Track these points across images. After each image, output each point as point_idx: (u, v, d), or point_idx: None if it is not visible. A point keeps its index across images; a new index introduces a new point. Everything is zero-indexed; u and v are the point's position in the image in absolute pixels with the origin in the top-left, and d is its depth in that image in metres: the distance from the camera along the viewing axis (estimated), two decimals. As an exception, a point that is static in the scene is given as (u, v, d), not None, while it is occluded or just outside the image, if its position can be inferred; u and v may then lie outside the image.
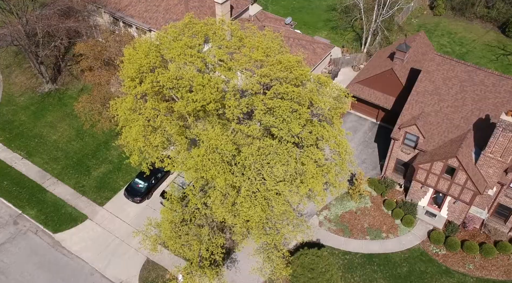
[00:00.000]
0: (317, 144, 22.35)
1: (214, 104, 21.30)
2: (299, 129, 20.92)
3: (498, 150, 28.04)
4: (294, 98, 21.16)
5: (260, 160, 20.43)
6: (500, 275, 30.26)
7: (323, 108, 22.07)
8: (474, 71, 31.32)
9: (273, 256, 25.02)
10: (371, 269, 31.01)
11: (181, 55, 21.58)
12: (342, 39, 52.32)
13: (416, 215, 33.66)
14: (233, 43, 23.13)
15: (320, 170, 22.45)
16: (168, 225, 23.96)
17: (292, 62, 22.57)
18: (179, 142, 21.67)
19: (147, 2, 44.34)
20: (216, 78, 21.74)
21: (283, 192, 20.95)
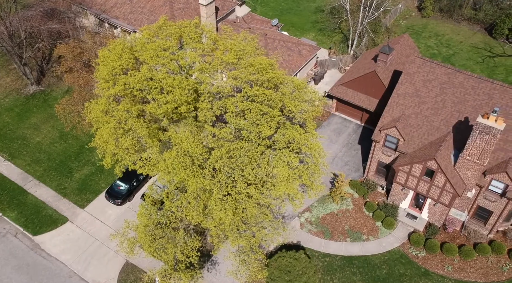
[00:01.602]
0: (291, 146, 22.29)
1: (186, 107, 21.24)
2: (270, 132, 20.88)
3: (476, 152, 28.07)
4: (265, 101, 21.13)
5: (230, 163, 20.39)
6: (478, 277, 30.27)
7: (294, 112, 22.03)
8: (454, 74, 31.37)
9: (248, 259, 24.96)
10: (351, 272, 30.99)
11: (154, 57, 21.54)
12: (330, 41, 52.35)
13: (397, 217, 33.67)
14: (206, 45, 23.09)
15: (293, 173, 22.40)
16: (143, 228, 23.89)
17: (264, 65, 22.53)
18: (150, 144, 21.61)
19: (132, 3, 44.30)
20: (188, 80, 21.69)
21: (254, 195, 20.89)
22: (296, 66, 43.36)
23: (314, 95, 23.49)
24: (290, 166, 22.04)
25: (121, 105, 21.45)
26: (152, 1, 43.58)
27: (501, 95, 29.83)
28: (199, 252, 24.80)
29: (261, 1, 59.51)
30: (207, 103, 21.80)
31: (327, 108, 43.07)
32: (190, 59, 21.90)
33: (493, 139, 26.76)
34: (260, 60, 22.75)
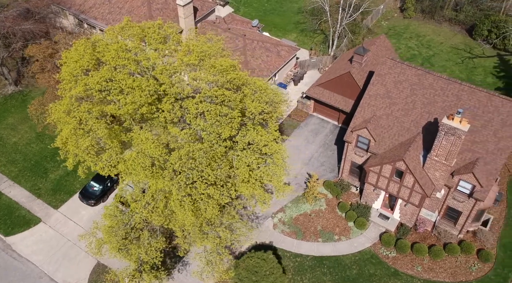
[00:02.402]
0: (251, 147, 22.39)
1: (147, 108, 21.29)
2: (232, 133, 20.96)
3: (443, 153, 28.28)
4: (225, 102, 21.22)
5: (189, 164, 20.47)
6: (447, 277, 30.50)
7: (254, 113, 22.11)
8: (424, 75, 31.58)
9: (214, 260, 25.04)
10: (321, 272, 31.14)
11: (115, 58, 21.58)
12: (311, 41, 52.51)
13: (369, 217, 33.86)
14: (167, 46, 23.14)
15: (254, 174, 22.50)
16: (108, 229, 23.94)
17: (225, 66, 22.61)
18: (110, 145, 21.66)
19: (111, 4, 44.29)
20: (149, 81, 21.75)
21: (214, 195, 20.97)
22: (274, 67, 43.49)
23: (276, 96, 23.60)
24: (251, 167, 22.12)
25: (82, 106, 21.50)
26: (131, 2, 43.59)
27: (469, 96, 30.05)
28: (172, 253, 24.83)
29: (245, 2, 59.60)
30: (169, 104, 21.87)
31: (305, 109, 43.26)
32: (152, 60, 21.95)
33: (458, 140, 26.96)
34: (222, 61, 22.83)
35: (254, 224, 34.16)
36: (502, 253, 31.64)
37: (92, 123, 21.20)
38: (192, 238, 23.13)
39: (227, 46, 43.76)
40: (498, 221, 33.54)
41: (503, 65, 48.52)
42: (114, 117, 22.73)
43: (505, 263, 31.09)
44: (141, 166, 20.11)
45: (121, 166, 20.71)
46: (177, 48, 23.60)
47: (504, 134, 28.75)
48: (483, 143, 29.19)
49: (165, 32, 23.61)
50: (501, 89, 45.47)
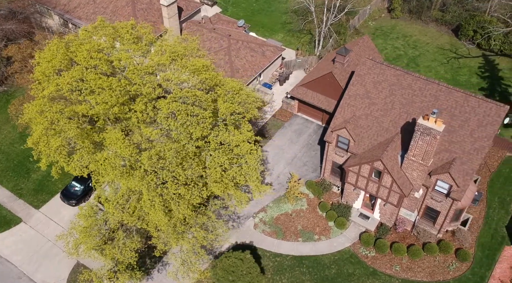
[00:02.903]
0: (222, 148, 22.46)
1: (118, 108, 21.34)
2: (204, 133, 21.02)
3: (419, 153, 28.43)
4: (196, 103, 21.29)
5: (160, 164, 20.53)
6: (425, 276, 30.67)
7: (225, 113, 22.18)
8: (403, 75, 31.71)
9: (189, 260, 25.12)
10: (300, 271, 31.26)
11: (87, 58, 21.63)
12: (298, 41, 52.59)
13: (349, 217, 34.00)
14: (139, 47, 23.19)
15: (227, 174, 22.58)
16: (83, 229, 23.98)
17: (197, 66, 22.68)
18: (80, 145, 21.70)
19: (95, 4, 44.28)
20: (121, 81, 21.79)
21: (185, 195, 21.04)
22: (259, 67, 43.56)
23: (249, 97, 23.65)
24: (223, 167, 22.20)
25: (54, 106, 21.54)
26: (115, 2, 43.59)
27: (447, 96, 30.21)
28: (151, 253, 24.77)
29: (233, 2, 59.60)
30: (142, 104, 21.92)
31: (290, 109, 43.37)
32: (124, 60, 22.01)
33: (434, 140, 27.12)
34: (194, 61, 22.89)
35: (235, 224, 34.28)
36: (480, 252, 31.84)
37: (63, 124, 21.24)
38: (166, 238, 23.18)
39: (212, 46, 43.86)
40: (477, 220, 33.73)
41: (487, 65, 48.74)
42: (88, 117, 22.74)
43: (483, 262, 31.28)
44: (111, 166, 20.15)
45: (93, 166, 20.74)
46: (150, 49, 23.65)
47: (480, 134, 28.92)
48: (459, 143, 29.36)
49: (137, 33, 23.65)
50: (485, 89, 45.71)
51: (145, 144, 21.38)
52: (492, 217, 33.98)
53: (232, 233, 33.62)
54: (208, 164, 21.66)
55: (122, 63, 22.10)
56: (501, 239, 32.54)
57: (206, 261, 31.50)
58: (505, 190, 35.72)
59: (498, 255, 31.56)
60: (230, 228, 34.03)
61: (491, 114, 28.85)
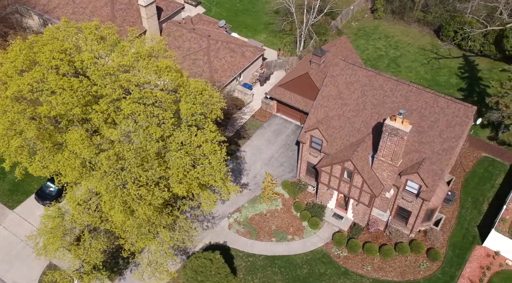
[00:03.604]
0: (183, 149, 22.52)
1: (80, 109, 21.38)
2: (163, 134, 21.08)
3: (388, 153, 28.61)
4: (156, 103, 21.36)
5: (119, 165, 20.59)
6: (395, 276, 30.86)
7: (187, 114, 22.26)
8: (374, 76, 31.89)
9: (156, 260, 25.17)
10: (272, 271, 31.39)
11: (49, 59, 21.65)
12: (280, 42, 52.69)
13: (323, 217, 34.16)
14: (102, 47, 23.23)
15: (190, 175, 22.65)
16: (49, 230, 24.00)
17: (160, 67, 22.74)
18: (40, 146, 21.73)
19: (74, 4, 44.26)
20: (83, 82, 21.83)
21: (146, 196, 21.11)
22: (238, 68, 43.67)
23: (214, 98, 23.71)
24: (186, 168, 22.27)
25: (16, 107, 21.56)
26: (94, 2, 43.58)
27: (417, 97, 30.40)
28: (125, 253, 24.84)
29: (217, 2, 59.63)
30: (105, 105, 21.97)
31: (269, 109, 43.50)
32: (86, 61, 22.05)
33: (401, 141, 27.31)
34: (158, 63, 22.93)
35: (210, 224, 34.39)
36: (451, 252, 32.06)
37: (23, 124, 21.27)
38: (130, 239, 23.24)
39: (191, 46, 43.93)
40: (450, 220, 33.96)
41: (467, 66, 49.02)
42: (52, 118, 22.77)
43: (453, 261, 31.51)
44: (70, 167, 20.22)
45: (53, 167, 20.80)
46: (113, 49, 23.69)
47: (449, 135, 29.14)
48: (429, 144, 29.57)
49: (101, 33, 23.69)
50: (464, 90, 45.99)
51: (105, 144, 21.44)
52: (465, 216, 34.23)
53: (207, 233, 33.74)
54: (170, 164, 21.75)
55: (84, 64, 22.13)
56: (472, 238, 32.78)
57: (179, 261, 31.61)
58: (478, 190, 35.98)
59: (469, 254, 31.79)
60: (205, 228, 34.17)
61: (460, 115, 29.07)
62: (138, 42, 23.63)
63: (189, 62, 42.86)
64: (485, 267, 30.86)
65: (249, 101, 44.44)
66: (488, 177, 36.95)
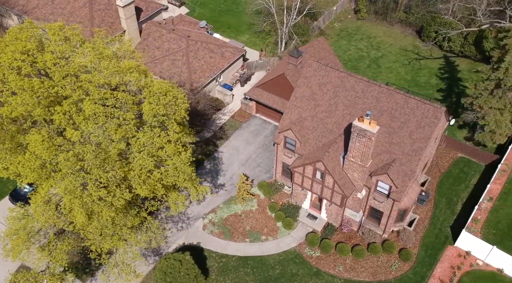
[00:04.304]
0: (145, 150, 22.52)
1: (41, 110, 21.34)
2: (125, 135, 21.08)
3: (357, 154, 28.73)
4: (117, 105, 21.35)
5: (79, 166, 20.58)
6: (367, 276, 30.98)
7: (148, 115, 22.27)
8: (346, 77, 31.99)
9: (123, 262, 25.17)
10: (244, 272, 31.45)
11: (11, 60, 21.60)
12: (263, 42, 52.78)
13: (297, 217, 34.25)
14: (64, 48, 23.18)
15: (153, 176, 22.67)
16: (13, 231, 23.96)
17: (123, 68, 22.74)
18: (0, 147, 21.68)
19: (53, 5, 44.15)
20: (44, 83, 21.78)
21: (106, 198, 21.11)
22: (217, 68, 43.70)
23: (179, 99, 23.68)
24: (148, 169, 22.28)
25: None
26: (73, 3, 43.48)
27: (387, 98, 30.52)
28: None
29: (201, 3, 59.64)
30: (67, 106, 21.94)
31: (248, 110, 43.55)
32: (49, 62, 22.00)
33: (369, 141, 27.43)
34: (122, 63, 22.93)
35: (184, 225, 34.40)
36: (424, 252, 32.22)
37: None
38: (96, 240, 23.22)
39: (171, 47, 43.91)
40: (424, 220, 34.13)
41: (448, 66, 49.25)
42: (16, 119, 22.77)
43: (425, 262, 31.67)
44: (30, 168, 20.22)
45: (12, 168, 20.77)
46: (77, 50, 23.66)
47: (419, 136, 29.28)
48: (399, 144, 29.70)
49: (65, 34, 23.66)
50: (443, 90, 46.21)
51: (66, 145, 21.42)
52: (438, 217, 34.40)
53: (181, 234, 33.76)
54: (132, 165, 21.76)
55: (47, 65, 22.09)
56: (445, 238, 32.95)
57: (152, 262, 31.60)
58: (453, 190, 36.18)
59: (440, 254, 31.96)
60: (179, 229, 34.18)
61: (429, 116, 29.22)
62: (100, 43, 23.58)
63: (168, 63, 42.85)
64: (455, 267, 31.04)
65: (228, 102, 44.49)
66: (463, 178, 37.16)
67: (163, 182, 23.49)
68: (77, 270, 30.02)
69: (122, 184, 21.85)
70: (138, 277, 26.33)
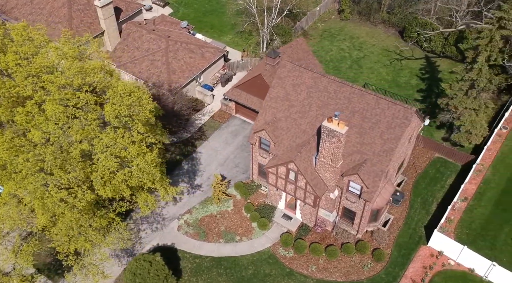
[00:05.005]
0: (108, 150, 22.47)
1: (2, 111, 21.24)
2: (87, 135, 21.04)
3: (328, 154, 28.81)
4: (79, 105, 21.31)
5: (39, 166, 20.52)
6: (339, 276, 31.05)
7: (111, 116, 22.23)
8: (319, 78, 32.05)
9: (89, 263, 25.11)
10: (217, 273, 31.45)
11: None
12: (246, 43, 52.79)
13: (272, 218, 34.28)
14: (27, 48, 23.09)
15: (117, 177, 22.62)
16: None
17: (86, 69, 22.69)
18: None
19: (32, 5, 44.02)
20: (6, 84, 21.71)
21: (66, 199, 21.05)
22: (197, 69, 43.69)
23: (143, 100, 23.65)
24: (111, 170, 22.23)
25: None
26: (52, 3, 43.37)
27: (359, 99, 30.60)
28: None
29: (185, 3, 59.58)
30: (30, 106, 21.89)
31: (228, 110, 43.56)
32: (10, 62, 21.91)
33: (338, 142, 27.50)
34: (83, 64, 22.88)
35: (159, 226, 34.36)
36: (397, 252, 32.32)
37: None
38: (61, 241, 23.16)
39: (150, 47, 43.85)
40: (398, 220, 34.23)
41: (428, 67, 49.42)
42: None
43: (398, 262, 31.77)
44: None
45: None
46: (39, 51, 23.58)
47: (389, 136, 29.37)
48: (370, 145, 29.79)
49: (30, 34, 23.58)
50: (423, 91, 46.36)
51: (27, 146, 21.36)
52: (413, 217, 34.52)
53: (155, 235, 33.73)
54: (95, 167, 21.71)
55: (9, 65, 22.00)
56: (419, 239, 33.07)
57: (125, 263, 31.53)
58: (428, 191, 36.31)
59: (413, 254, 32.07)
60: (154, 230, 34.15)
61: (399, 116, 29.31)
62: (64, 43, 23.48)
63: (147, 63, 42.81)
64: (428, 267, 31.16)
65: (209, 102, 44.48)
66: (439, 178, 37.30)
67: (128, 183, 23.44)
68: (49, 271, 29.93)
69: (83, 185, 21.78)
70: (106, 278, 26.29)
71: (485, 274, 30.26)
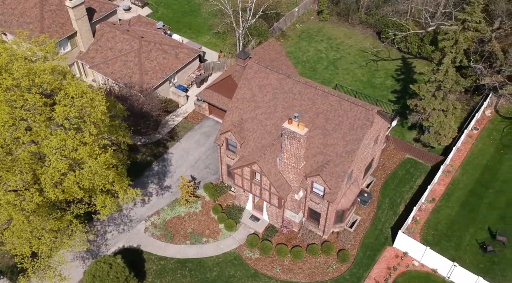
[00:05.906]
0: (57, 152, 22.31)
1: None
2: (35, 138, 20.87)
3: (290, 156, 28.81)
4: (26, 107, 21.15)
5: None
6: (304, 277, 31.04)
7: (60, 117, 22.09)
8: (284, 79, 32.04)
9: (44, 265, 24.92)
10: (182, 274, 31.35)
11: None
12: (223, 43, 52.73)
13: (239, 219, 34.23)
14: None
15: (68, 179, 22.47)
16: None
17: (36, 70, 22.53)
18: None
19: (4, 5, 43.70)
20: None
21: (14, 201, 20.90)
22: (170, 69, 43.56)
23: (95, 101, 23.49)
24: (62, 172, 22.09)
25: None
26: (24, 3, 43.06)
27: (323, 100, 30.61)
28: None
29: (164, 4, 59.45)
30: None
31: (202, 111, 43.47)
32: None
33: (299, 143, 27.51)
34: (35, 65, 22.73)
35: (126, 227, 34.21)
36: (362, 253, 32.37)
37: None
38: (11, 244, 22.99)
39: (123, 47, 43.66)
40: (365, 221, 34.29)
41: (404, 67, 49.59)
42: None
43: (363, 263, 31.82)
44: None
45: None
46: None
47: (351, 137, 29.40)
48: (333, 146, 29.82)
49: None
50: (398, 92, 46.50)
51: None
52: (380, 218, 34.59)
53: (122, 236, 33.57)
54: (44, 169, 21.56)
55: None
56: (385, 239, 33.14)
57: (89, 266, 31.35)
58: (397, 191, 36.40)
59: (379, 255, 32.13)
60: (121, 231, 33.99)
61: (361, 118, 29.35)
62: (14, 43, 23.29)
63: (120, 64, 42.62)
64: (392, 268, 31.23)
65: (183, 103, 44.37)
66: (409, 179, 37.40)
67: (80, 185, 23.30)
68: (12, 273, 29.72)
69: (32, 187, 21.63)
70: (64, 280, 26.11)
71: (447, 275, 30.39)
